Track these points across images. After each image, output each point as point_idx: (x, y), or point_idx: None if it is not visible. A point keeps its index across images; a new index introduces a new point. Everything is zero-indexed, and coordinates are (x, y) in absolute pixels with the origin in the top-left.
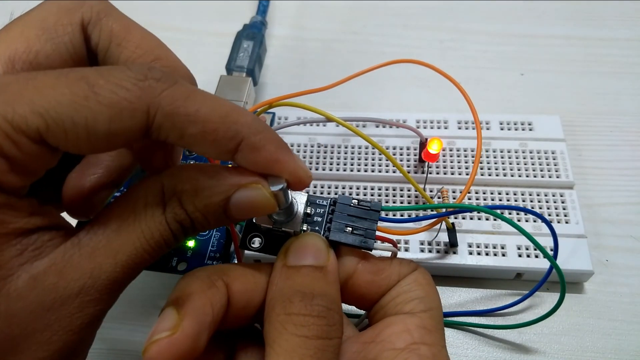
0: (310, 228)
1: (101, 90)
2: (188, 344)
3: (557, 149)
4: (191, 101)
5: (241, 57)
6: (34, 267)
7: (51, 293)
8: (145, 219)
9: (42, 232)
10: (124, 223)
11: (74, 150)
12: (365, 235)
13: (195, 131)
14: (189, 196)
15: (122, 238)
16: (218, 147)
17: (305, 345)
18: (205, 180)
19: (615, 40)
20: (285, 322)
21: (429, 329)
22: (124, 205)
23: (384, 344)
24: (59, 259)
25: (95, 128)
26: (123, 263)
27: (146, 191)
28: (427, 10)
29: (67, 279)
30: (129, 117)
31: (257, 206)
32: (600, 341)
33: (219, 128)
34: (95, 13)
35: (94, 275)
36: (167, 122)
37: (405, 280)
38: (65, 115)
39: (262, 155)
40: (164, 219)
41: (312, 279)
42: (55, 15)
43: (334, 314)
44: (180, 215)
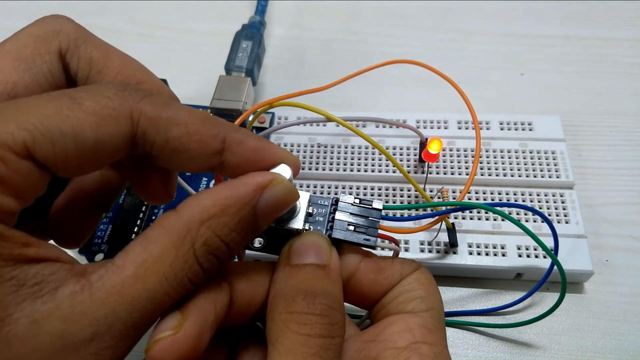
0: (313, 227)
1: (84, 101)
2: (191, 343)
3: (557, 149)
4: (170, 107)
5: (240, 57)
6: (35, 310)
7: (58, 340)
8: (168, 260)
9: (42, 264)
10: (141, 266)
11: (62, 167)
12: (368, 234)
13: (179, 132)
14: (218, 219)
15: (140, 282)
16: (204, 147)
17: (308, 343)
18: (228, 195)
19: (615, 40)
20: (288, 321)
21: (431, 329)
22: (142, 247)
23: (385, 343)
24: (66, 304)
25: (83, 137)
26: (140, 308)
27: (166, 229)
28: (427, 10)
29: (76, 326)
30: (114, 123)
31: (285, 200)
32: (600, 341)
33: (201, 128)
34: (72, 41)
35: (108, 322)
36: (151, 127)
37: (407, 280)
38: (51, 126)
39: (250, 146)
40: (193, 254)
41: (314, 278)
42: (31, 45)
43: (336, 313)
44: (214, 244)
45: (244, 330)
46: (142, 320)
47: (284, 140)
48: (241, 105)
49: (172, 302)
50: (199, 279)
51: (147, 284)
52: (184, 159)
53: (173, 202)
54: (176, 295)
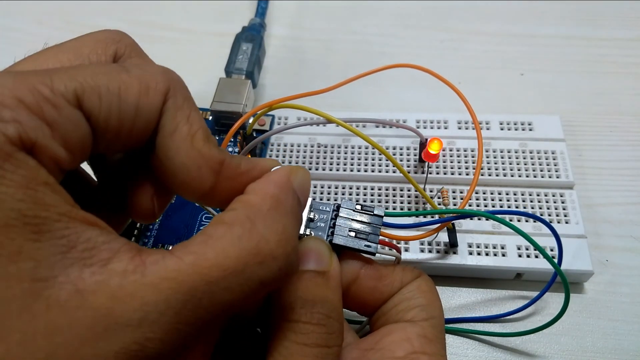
0: (314, 233)
1: (132, 68)
2: None
3: (557, 149)
4: (193, 108)
5: (240, 59)
6: (82, 279)
7: (104, 317)
8: (234, 253)
9: (96, 230)
10: (202, 257)
11: (104, 125)
12: (368, 240)
13: (185, 133)
14: (276, 209)
15: (199, 273)
16: (202, 169)
17: (305, 353)
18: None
19: (615, 40)
20: (286, 330)
21: (430, 338)
22: (204, 241)
23: (383, 352)
24: (116, 281)
25: (127, 99)
26: (197, 302)
27: (229, 224)
28: (427, 10)
29: (124, 306)
30: (154, 94)
31: (309, 182)
32: (600, 341)
33: (203, 145)
34: (128, 51)
35: (159, 310)
36: (170, 112)
37: (408, 288)
38: (100, 82)
39: (242, 168)
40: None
41: (313, 285)
42: (90, 46)
43: (334, 322)
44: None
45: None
46: (197, 316)
47: (284, 141)
48: (241, 107)
49: (238, 305)
50: (273, 279)
51: (207, 275)
52: (179, 161)
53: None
54: (242, 295)
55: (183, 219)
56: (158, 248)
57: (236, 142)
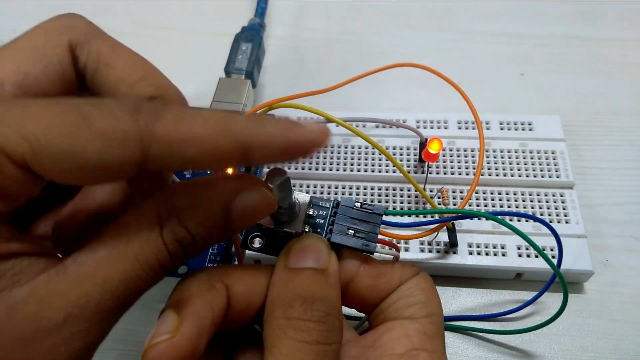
0: (312, 230)
1: (93, 119)
2: (187, 347)
3: (557, 149)
4: (183, 122)
5: (240, 59)
6: (12, 296)
7: (32, 323)
8: (139, 243)
9: (20, 258)
10: (114, 249)
11: (59, 180)
12: (367, 239)
13: (195, 153)
14: (188, 212)
15: (113, 264)
16: (223, 161)
17: (305, 350)
18: (203, 193)
19: (615, 40)
20: (285, 327)
21: (429, 335)
22: (116, 230)
23: (383, 349)
24: (42, 287)
25: (86, 158)
26: (114, 290)
27: (140, 214)
28: (427, 10)
29: (51, 308)
30: (120, 147)
31: (258, 208)
32: (600, 341)
33: (219, 142)
34: (83, 35)
35: (81, 304)
36: (165, 151)
37: (407, 285)
38: (54, 142)
39: (275, 146)
40: (161, 240)
41: (312, 282)
42: (43, 38)
43: (333, 319)
44: (180, 234)
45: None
46: (116, 303)
47: None
48: (241, 107)
49: (146, 288)
50: (167, 265)
51: (119, 266)
52: (205, 167)
53: None
54: (149, 279)
55: None
56: None
57: None
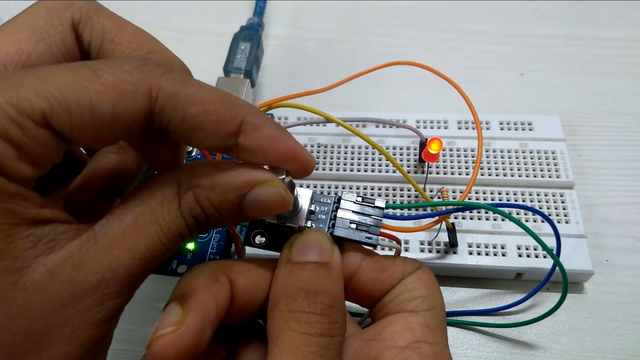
0: (315, 225)
1: (104, 73)
2: (192, 339)
3: (557, 149)
4: (190, 84)
5: (238, 59)
6: (49, 260)
7: (70, 286)
8: (162, 212)
9: (54, 224)
10: (140, 216)
11: (78, 137)
12: (369, 232)
13: (197, 111)
14: (204, 191)
15: (140, 231)
16: (220, 128)
17: (308, 342)
18: (221, 177)
19: (615, 40)
20: (289, 319)
21: (432, 328)
22: (140, 198)
23: (385, 342)
24: (75, 252)
25: (100, 110)
26: (141, 256)
27: (162, 185)
28: (427, 10)
29: (85, 271)
30: (131, 98)
31: (271, 204)
32: (600, 341)
33: (219, 108)
34: (85, 12)
35: (112, 268)
36: (169, 103)
37: (409, 279)
38: (69, 97)
39: (265, 133)
40: (180, 212)
41: (315, 276)
42: (44, 16)
43: (336, 312)
44: (195, 210)
45: (245, 327)
46: (143, 268)
47: None
48: None
49: (167, 255)
50: (186, 236)
51: (146, 232)
52: (199, 137)
53: None
54: (171, 247)
55: None
56: None
57: None
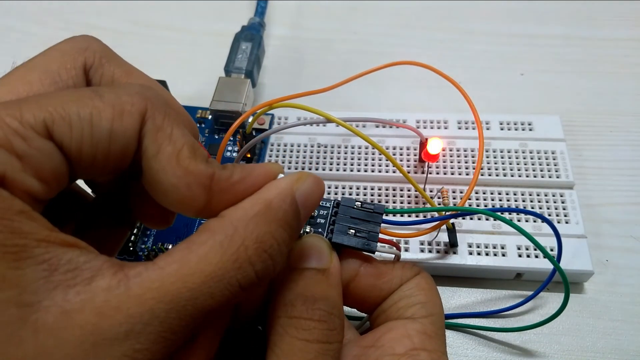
0: (314, 230)
1: (105, 94)
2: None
3: (557, 149)
4: (178, 126)
5: (239, 58)
6: (67, 300)
7: (91, 334)
8: (214, 259)
9: (75, 250)
10: (184, 265)
11: (77, 153)
12: (368, 238)
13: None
14: (264, 215)
15: (182, 282)
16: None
17: (306, 349)
18: (267, 194)
19: (615, 40)
20: (287, 326)
21: (430, 335)
22: (188, 248)
23: (383, 349)
24: (101, 297)
25: (100, 125)
26: (181, 309)
27: (213, 230)
28: (427, 10)
29: (110, 321)
30: (129, 117)
31: (318, 190)
32: (600, 341)
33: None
34: (97, 58)
35: (144, 321)
36: (151, 133)
37: (408, 285)
38: (71, 110)
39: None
40: (244, 252)
41: (314, 282)
42: (58, 60)
43: (334, 318)
44: (267, 242)
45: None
46: (181, 324)
47: (284, 141)
48: (241, 107)
49: (219, 309)
50: (250, 283)
51: (189, 282)
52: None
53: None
54: (223, 299)
55: (183, 218)
56: (157, 248)
57: (236, 141)
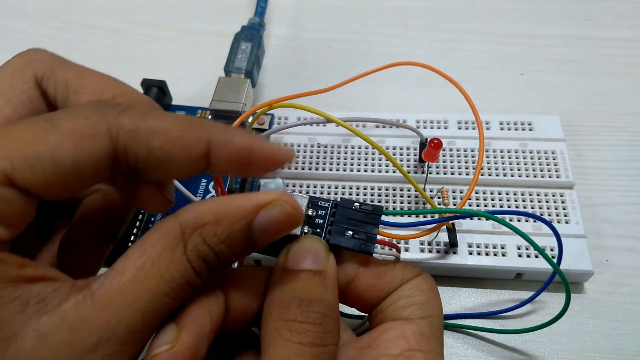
0: (312, 230)
1: (61, 122)
2: (188, 356)
3: (557, 149)
4: (150, 116)
5: (239, 58)
6: (41, 324)
7: (65, 350)
8: (164, 262)
9: (43, 283)
10: (141, 269)
11: (45, 190)
12: (366, 240)
13: (161, 141)
14: (210, 228)
15: (140, 285)
16: (189, 153)
17: (300, 352)
18: (224, 209)
19: (615, 40)
20: (282, 328)
21: (426, 336)
22: (140, 250)
23: (379, 350)
24: (71, 314)
25: (62, 158)
26: (142, 310)
27: (164, 233)
28: (427, 10)
29: (82, 334)
30: (92, 141)
31: (281, 223)
32: (600, 341)
33: (183, 134)
34: (47, 68)
35: (111, 327)
36: (131, 140)
37: (407, 285)
38: (29, 152)
39: (236, 146)
40: (185, 258)
41: (310, 284)
42: (9, 77)
43: (330, 321)
44: (203, 251)
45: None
46: (146, 323)
47: (284, 141)
48: (240, 106)
49: (175, 305)
50: (196, 283)
51: (146, 285)
52: (170, 167)
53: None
54: (177, 296)
55: None
56: None
57: None
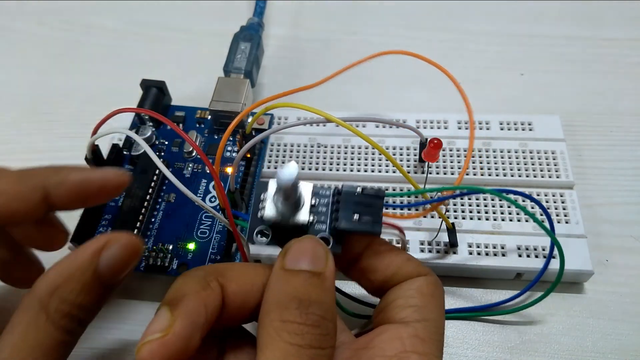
0: (317, 218)
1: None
2: (180, 345)
3: (557, 149)
4: None
5: (238, 58)
6: None
7: None
8: (32, 334)
9: None
10: (15, 347)
11: None
12: (372, 221)
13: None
14: (64, 288)
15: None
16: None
17: (298, 353)
18: (69, 266)
19: (615, 40)
20: (279, 329)
21: (423, 338)
22: (10, 330)
23: (374, 351)
24: None
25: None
26: None
27: (24, 309)
28: (427, 10)
29: None
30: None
31: (123, 259)
32: (600, 341)
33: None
34: None
35: None
36: None
37: (409, 285)
38: None
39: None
40: (50, 324)
41: (309, 285)
42: None
43: (328, 323)
44: (65, 309)
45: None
46: None
47: (284, 141)
48: (240, 107)
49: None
50: (69, 342)
51: (22, 358)
52: (16, 221)
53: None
54: (57, 354)
55: (183, 218)
56: (158, 248)
57: (235, 141)
